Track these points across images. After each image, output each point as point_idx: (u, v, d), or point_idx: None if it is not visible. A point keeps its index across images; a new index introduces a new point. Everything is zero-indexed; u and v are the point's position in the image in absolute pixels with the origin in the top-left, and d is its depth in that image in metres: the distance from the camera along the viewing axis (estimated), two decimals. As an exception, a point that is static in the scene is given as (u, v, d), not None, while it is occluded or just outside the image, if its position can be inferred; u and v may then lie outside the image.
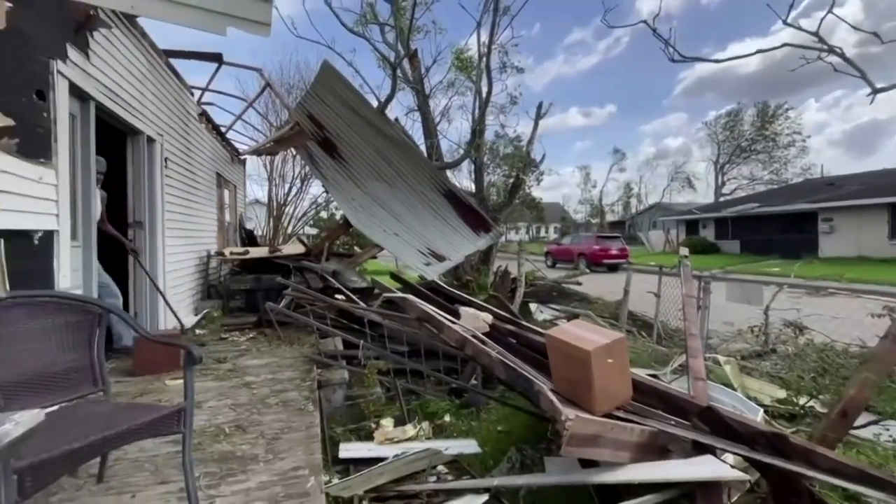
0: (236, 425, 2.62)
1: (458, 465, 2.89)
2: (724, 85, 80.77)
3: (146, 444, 2.28)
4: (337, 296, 5.17)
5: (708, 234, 27.66)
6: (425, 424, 3.47)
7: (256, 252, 7.04)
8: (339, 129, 6.51)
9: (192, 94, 6.53)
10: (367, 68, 27.40)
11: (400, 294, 4.34)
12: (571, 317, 6.31)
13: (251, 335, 4.85)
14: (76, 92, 3.25)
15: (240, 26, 2.28)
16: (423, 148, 9.25)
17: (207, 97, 7.74)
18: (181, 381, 3.44)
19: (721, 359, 3.90)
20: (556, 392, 2.43)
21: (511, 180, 12.06)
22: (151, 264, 4.63)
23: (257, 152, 8.96)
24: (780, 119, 40.76)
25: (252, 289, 6.11)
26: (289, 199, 12.90)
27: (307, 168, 11.07)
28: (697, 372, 2.70)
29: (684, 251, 4.47)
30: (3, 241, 2.09)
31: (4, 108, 2.29)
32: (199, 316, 5.64)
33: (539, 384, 2.34)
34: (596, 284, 9.80)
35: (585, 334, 2.48)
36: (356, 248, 11.42)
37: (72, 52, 3.11)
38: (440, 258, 6.45)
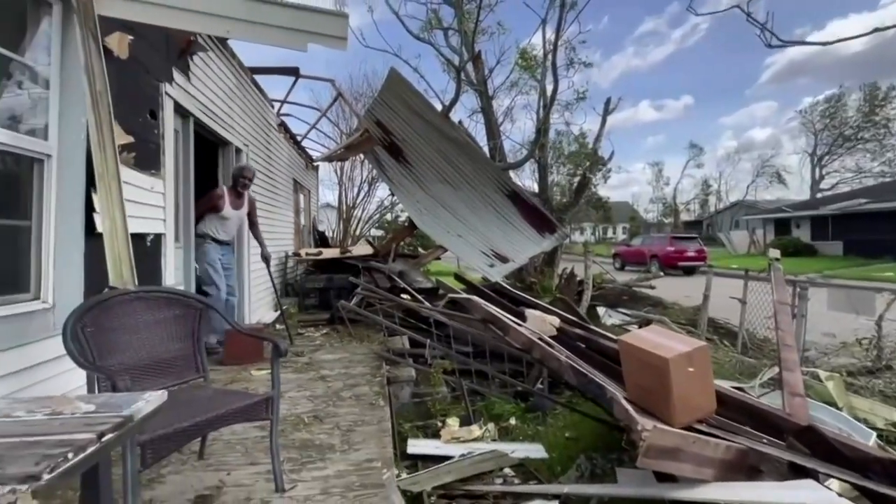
0: (314, 415, 2.79)
1: (524, 469, 2.86)
2: (821, 68, 72.16)
3: (237, 428, 2.51)
4: (402, 295, 5.33)
5: (802, 234, 24.87)
6: (491, 426, 3.47)
7: (329, 253, 7.45)
8: (404, 133, 6.70)
9: (273, 107, 7.06)
10: (432, 73, 27.92)
11: (465, 295, 4.38)
12: (643, 322, 5.98)
13: (325, 331, 5.15)
14: (179, 110, 3.65)
15: (319, 42, 2.44)
16: (486, 149, 9.25)
17: (285, 108, 8.32)
18: (265, 371, 3.75)
19: (822, 374, 3.50)
20: (630, 400, 2.32)
21: (576, 179, 11.69)
22: (238, 264, 5.06)
23: (329, 159, 9.47)
24: (895, 102, 35.59)
25: (325, 287, 6.47)
26: (357, 202, 13.51)
27: (374, 172, 11.50)
28: (794, 387, 2.44)
29: (775, 253, 4.06)
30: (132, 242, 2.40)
31: (126, 126, 2.62)
32: (279, 312, 6.07)
33: (612, 391, 2.25)
34: (670, 288, 9.20)
35: (663, 341, 2.35)
36: (420, 249, 11.67)
37: (176, 75, 3.50)
38: (504, 259, 6.41)
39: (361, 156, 9.80)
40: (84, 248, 2.26)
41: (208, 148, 4.81)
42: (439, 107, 8.50)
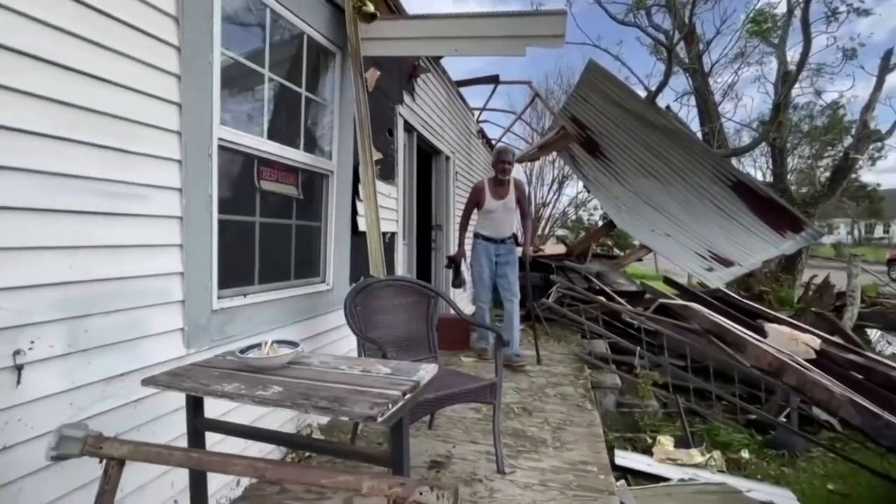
0: (522, 407, 2.89)
1: (768, 516, 2.38)
2: None
3: (456, 407, 2.78)
4: (598, 297, 5.06)
5: None
6: (717, 454, 3.01)
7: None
8: (602, 127, 6.35)
9: (473, 115, 7.61)
10: (633, 59, 25.35)
11: (680, 301, 3.89)
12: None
13: (521, 327, 5.27)
14: (406, 126, 4.25)
15: (537, 43, 2.51)
16: (699, 135, 8.02)
17: (483, 114, 8.85)
18: (471, 359, 4.06)
19: None
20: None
21: (824, 162, 9.09)
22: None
23: (521, 160, 9.68)
24: None
25: (520, 285, 6.64)
26: (546, 200, 13.48)
27: (565, 169, 11.25)
28: None
29: None
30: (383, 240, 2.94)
31: (375, 144, 3.20)
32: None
33: (927, 444, 1.67)
34: None
35: None
36: (615, 249, 10.92)
37: (405, 97, 4.09)
38: (726, 263, 5.45)
39: (553, 154, 9.73)
40: (350, 244, 2.86)
41: (424, 157, 5.48)
42: (643, 94, 7.76)
